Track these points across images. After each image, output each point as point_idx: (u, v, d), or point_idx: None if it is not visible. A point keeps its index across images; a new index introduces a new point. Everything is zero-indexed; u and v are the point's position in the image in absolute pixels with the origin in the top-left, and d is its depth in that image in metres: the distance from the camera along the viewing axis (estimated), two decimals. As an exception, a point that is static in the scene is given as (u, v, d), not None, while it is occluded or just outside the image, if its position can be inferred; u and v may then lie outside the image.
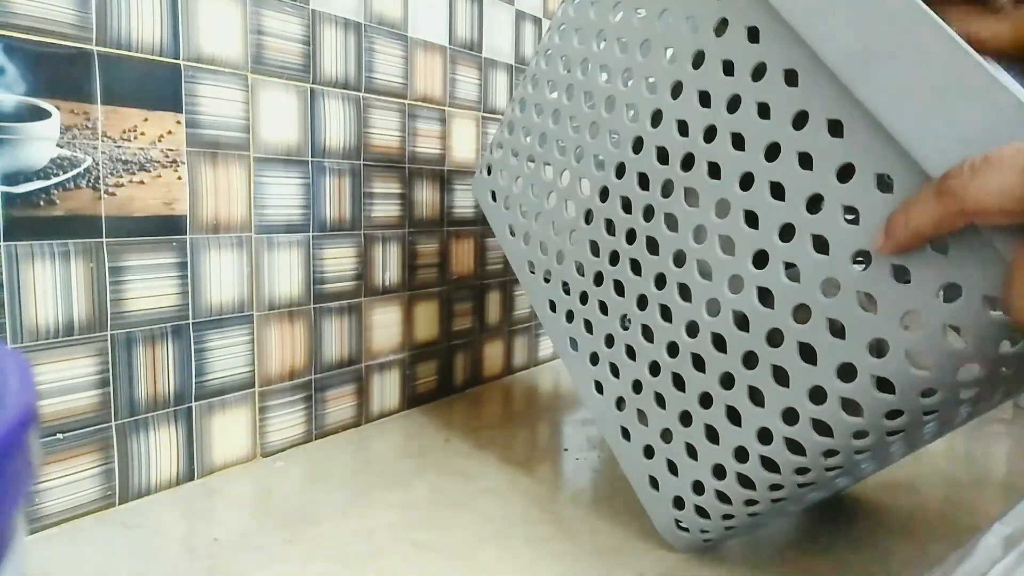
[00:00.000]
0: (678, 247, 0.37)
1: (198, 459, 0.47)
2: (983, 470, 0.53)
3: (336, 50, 0.53)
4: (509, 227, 0.49)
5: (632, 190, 0.39)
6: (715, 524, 0.38)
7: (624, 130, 0.40)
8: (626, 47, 0.40)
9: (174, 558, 0.38)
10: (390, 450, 0.54)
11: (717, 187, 0.35)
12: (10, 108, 0.37)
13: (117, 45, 0.41)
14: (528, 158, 0.47)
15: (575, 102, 0.43)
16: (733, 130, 0.34)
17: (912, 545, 0.41)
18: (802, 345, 0.32)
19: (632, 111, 0.40)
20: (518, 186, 0.48)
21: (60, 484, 0.40)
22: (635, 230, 0.39)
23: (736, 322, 0.34)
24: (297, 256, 0.52)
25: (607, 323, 0.42)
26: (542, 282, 0.46)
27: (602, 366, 0.42)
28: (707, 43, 0.35)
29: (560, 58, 0.45)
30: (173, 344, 0.45)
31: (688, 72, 0.36)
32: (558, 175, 0.44)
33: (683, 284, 0.37)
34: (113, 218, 0.41)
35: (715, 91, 0.35)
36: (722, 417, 0.35)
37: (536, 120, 0.46)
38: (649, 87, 0.39)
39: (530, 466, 0.52)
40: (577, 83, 0.43)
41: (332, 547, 0.39)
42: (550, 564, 0.38)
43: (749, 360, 0.34)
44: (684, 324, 0.37)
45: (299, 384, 0.54)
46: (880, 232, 0.28)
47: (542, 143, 0.46)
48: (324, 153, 0.53)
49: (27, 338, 0.38)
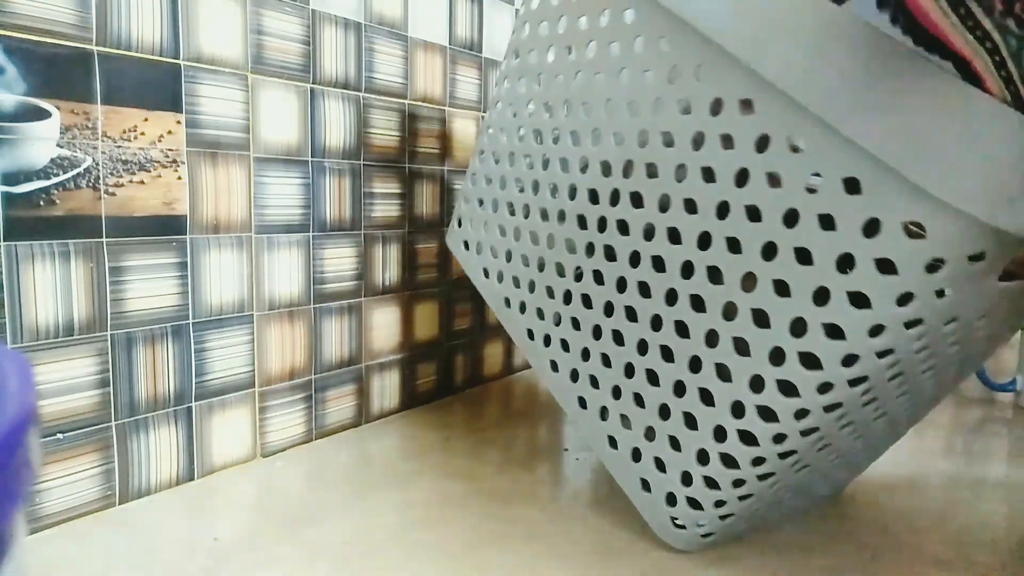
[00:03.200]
0: (633, 249, 0.39)
1: (198, 459, 0.47)
2: (983, 470, 0.53)
3: (336, 50, 0.53)
4: (483, 270, 0.51)
5: (586, 207, 0.42)
6: (709, 515, 0.38)
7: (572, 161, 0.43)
8: (568, 102, 0.43)
9: (174, 558, 0.38)
10: (390, 450, 0.54)
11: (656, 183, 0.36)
12: (10, 108, 0.37)
13: (117, 45, 0.41)
14: (492, 202, 0.50)
15: (525, 143, 0.47)
16: (703, 165, 0.36)
17: (912, 545, 0.41)
18: (754, 312, 0.35)
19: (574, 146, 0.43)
20: (487, 230, 0.51)
21: (60, 484, 0.40)
22: (593, 243, 0.42)
23: (693, 306, 0.37)
24: (297, 256, 0.52)
25: (581, 338, 0.43)
26: (518, 314, 0.48)
27: (583, 381, 0.44)
28: (664, 90, 0.37)
29: (508, 105, 0.48)
30: (173, 344, 0.45)
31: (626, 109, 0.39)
32: (520, 212, 0.47)
33: (642, 282, 0.39)
34: (113, 218, 0.41)
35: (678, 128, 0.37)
36: (696, 402, 0.37)
37: (494, 165, 0.50)
38: (591, 129, 0.42)
39: (530, 466, 0.52)
40: (526, 124, 0.47)
41: (332, 547, 0.39)
42: (550, 564, 0.38)
43: (711, 339, 0.36)
44: (648, 320, 0.39)
45: (299, 384, 0.54)
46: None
47: (502, 185, 0.49)
48: (324, 153, 0.53)
49: (27, 338, 0.38)
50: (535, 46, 0.45)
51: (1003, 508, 0.47)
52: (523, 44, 0.46)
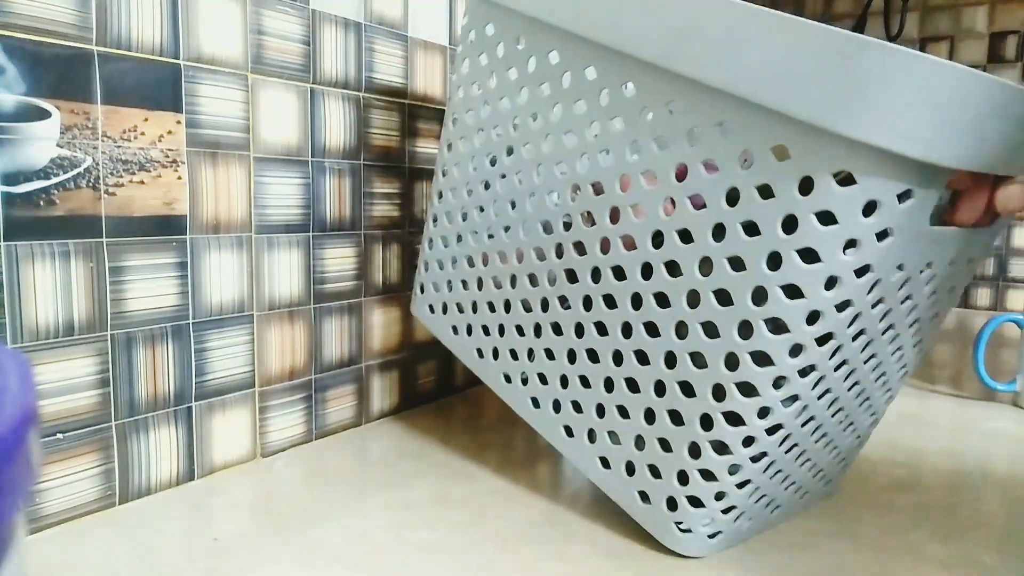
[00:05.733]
0: (592, 265, 0.41)
1: (198, 459, 0.47)
2: (983, 470, 0.53)
3: (336, 50, 0.53)
4: (452, 327, 0.52)
5: (541, 239, 0.44)
6: (712, 511, 0.38)
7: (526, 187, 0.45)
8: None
9: (174, 558, 0.38)
10: (390, 450, 0.54)
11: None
12: (10, 108, 0.37)
13: (117, 45, 0.41)
14: (451, 260, 0.51)
15: (474, 196, 0.48)
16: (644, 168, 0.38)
17: (912, 545, 0.41)
18: (716, 293, 0.36)
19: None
20: (451, 288, 0.51)
21: (60, 484, 0.40)
22: (553, 270, 0.43)
23: (658, 303, 0.38)
24: (297, 256, 0.52)
25: (557, 366, 0.44)
26: (492, 361, 0.49)
27: (566, 409, 0.44)
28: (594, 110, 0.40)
29: (455, 165, 0.50)
30: (173, 344, 0.45)
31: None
32: (479, 261, 0.49)
33: (606, 295, 0.40)
34: (113, 218, 0.41)
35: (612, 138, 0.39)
36: (678, 396, 0.38)
37: (448, 226, 0.51)
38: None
39: (530, 466, 0.52)
40: (472, 179, 0.49)
41: (332, 547, 0.39)
42: (550, 564, 0.38)
43: (680, 330, 0.37)
44: (619, 329, 0.40)
45: (299, 384, 0.54)
46: (1018, 195, 0.33)
47: (459, 240, 0.50)
48: (324, 153, 0.53)
49: (27, 338, 0.38)
50: (470, 106, 0.48)
51: (1003, 508, 0.47)
52: (459, 106, 0.49)
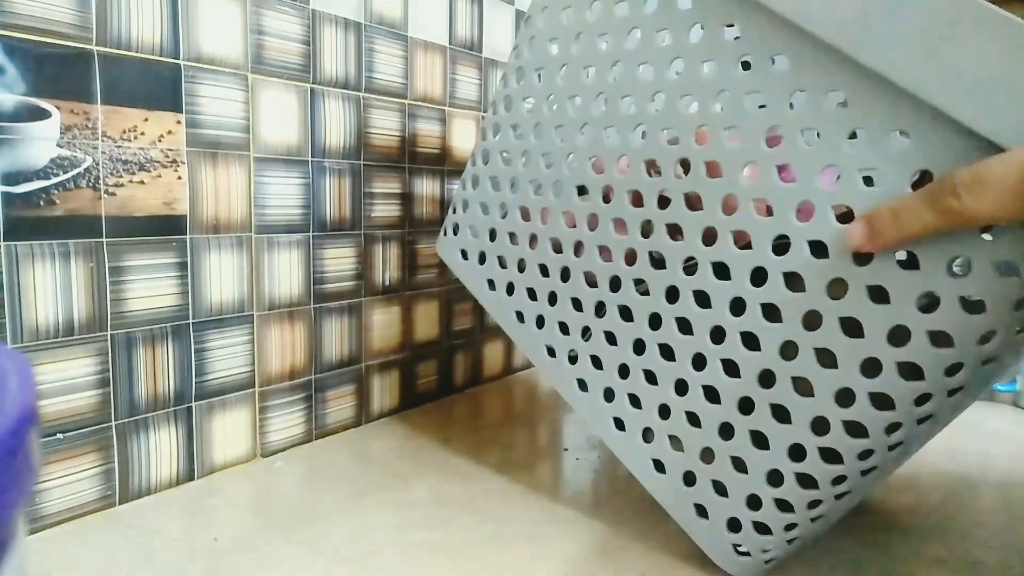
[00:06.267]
0: (688, 254, 0.36)
1: (198, 459, 0.47)
2: (983, 470, 0.53)
3: (336, 50, 0.53)
4: (489, 281, 0.46)
5: (625, 210, 0.38)
6: (777, 539, 0.35)
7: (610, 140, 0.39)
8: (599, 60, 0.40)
9: (174, 558, 0.38)
10: (390, 450, 0.54)
11: (716, 187, 0.35)
12: (10, 108, 0.37)
13: (117, 45, 0.41)
14: (499, 206, 0.46)
15: (545, 138, 0.42)
16: (727, 125, 0.34)
17: (912, 545, 0.41)
18: (844, 320, 0.31)
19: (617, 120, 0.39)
20: (493, 238, 0.46)
21: (60, 484, 0.40)
22: (635, 249, 0.38)
23: (766, 315, 0.33)
24: (297, 256, 0.52)
25: (618, 353, 0.40)
26: (535, 329, 0.44)
27: (620, 400, 0.40)
28: (683, 49, 0.35)
29: (522, 100, 0.44)
30: (173, 344, 0.45)
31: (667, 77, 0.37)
32: (536, 217, 0.43)
33: (699, 291, 0.36)
34: (113, 218, 0.41)
35: (701, 90, 0.35)
36: (768, 418, 0.34)
37: (503, 168, 0.45)
38: (634, 91, 0.39)
39: (530, 466, 0.52)
40: (544, 119, 0.43)
41: (332, 547, 0.39)
42: (550, 564, 0.38)
43: (786, 349, 0.33)
44: (708, 331, 0.35)
45: (299, 384, 0.54)
46: (861, 230, 0.29)
47: (514, 188, 0.45)
48: (324, 153, 0.53)
49: (27, 338, 0.38)
50: (550, 35, 0.42)
51: (1003, 508, 0.47)
52: (536, 36, 0.43)
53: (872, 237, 0.29)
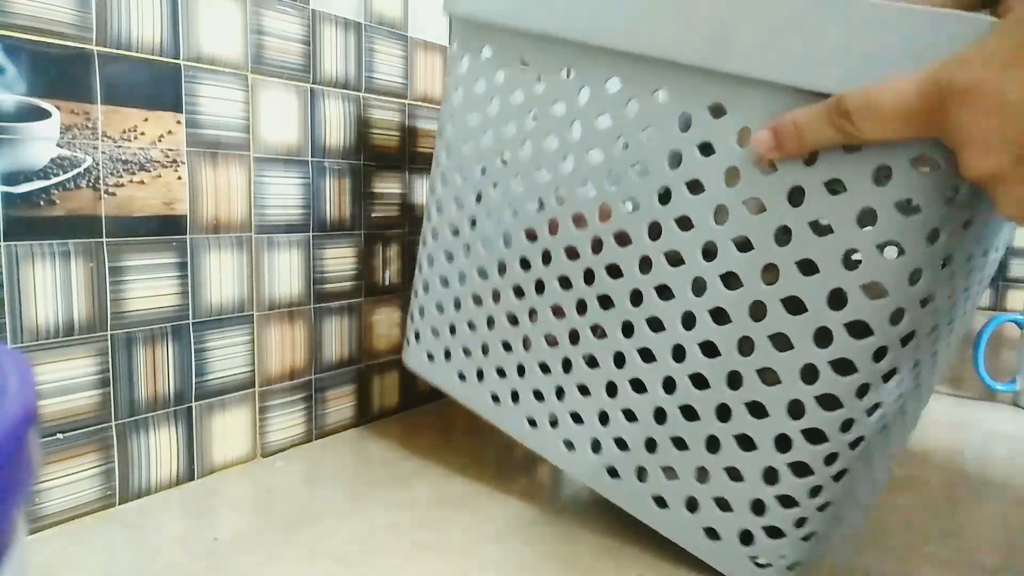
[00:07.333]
0: (632, 286, 0.38)
1: (198, 459, 0.47)
2: (983, 470, 0.53)
3: (336, 50, 0.53)
4: (459, 375, 0.48)
5: (565, 265, 0.41)
6: (792, 539, 0.35)
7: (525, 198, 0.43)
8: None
9: (174, 558, 0.38)
10: (390, 450, 0.54)
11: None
12: (10, 108, 0.37)
13: (117, 45, 0.41)
14: (454, 302, 0.47)
15: (476, 232, 0.45)
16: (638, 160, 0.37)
17: (912, 545, 0.41)
18: (785, 300, 0.33)
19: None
20: (453, 333, 0.48)
21: (60, 484, 0.40)
22: (583, 298, 0.40)
23: (714, 318, 0.35)
24: (297, 256, 0.52)
25: (594, 402, 0.41)
26: (511, 405, 0.45)
27: (607, 447, 0.40)
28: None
29: (451, 201, 0.47)
30: (173, 344, 0.45)
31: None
32: (489, 298, 0.45)
33: (651, 317, 0.37)
34: (113, 218, 0.41)
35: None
36: (746, 417, 0.34)
37: (448, 266, 0.48)
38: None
39: (530, 466, 0.52)
40: (471, 215, 0.46)
41: (332, 547, 0.39)
42: (550, 564, 0.38)
43: (743, 346, 0.34)
44: (669, 352, 0.37)
45: (299, 384, 0.54)
46: (767, 139, 0.31)
47: (463, 281, 0.47)
48: (324, 153, 0.53)
49: (27, 338, 0.38)
50: (468, 136, 0.46)
51: (1003, 508, 0.47)
52: (455, 137, 0.47)
53: (777, 147, 0.31)
